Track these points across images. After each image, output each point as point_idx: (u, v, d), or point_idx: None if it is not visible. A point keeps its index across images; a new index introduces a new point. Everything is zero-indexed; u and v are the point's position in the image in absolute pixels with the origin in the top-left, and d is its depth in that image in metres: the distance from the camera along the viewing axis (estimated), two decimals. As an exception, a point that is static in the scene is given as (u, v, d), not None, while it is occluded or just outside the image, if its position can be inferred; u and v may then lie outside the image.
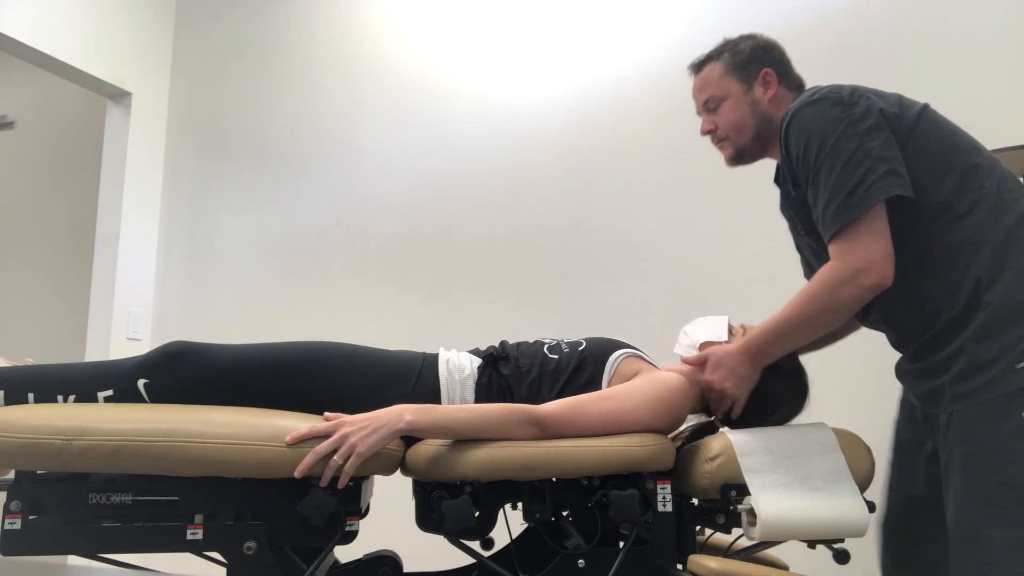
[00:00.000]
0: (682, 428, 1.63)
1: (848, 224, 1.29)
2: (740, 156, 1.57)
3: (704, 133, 1.60)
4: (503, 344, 1.59)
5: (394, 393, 1.44)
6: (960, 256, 1.30)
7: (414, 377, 1.49)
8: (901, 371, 1.47)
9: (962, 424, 1.28)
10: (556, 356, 1.54)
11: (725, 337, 1.55)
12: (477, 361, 1.54)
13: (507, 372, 1.52)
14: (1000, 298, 1.26)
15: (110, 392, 1.41)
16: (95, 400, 1.41)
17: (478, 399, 1.49)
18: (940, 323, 1.32)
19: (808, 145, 1.34)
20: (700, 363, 1.52)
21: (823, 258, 1.38)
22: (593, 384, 1.49)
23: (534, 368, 1.52)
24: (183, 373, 1.42)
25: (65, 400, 1.40)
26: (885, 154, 1.30)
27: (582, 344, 1.57)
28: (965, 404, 1.27)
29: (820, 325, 1.40)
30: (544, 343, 1.59)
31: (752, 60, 1.55)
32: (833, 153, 1.31)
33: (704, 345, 1.55)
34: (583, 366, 1.52)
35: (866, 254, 1.28)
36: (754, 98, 1.54)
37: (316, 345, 1.51)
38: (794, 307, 1.38)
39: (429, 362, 1.53)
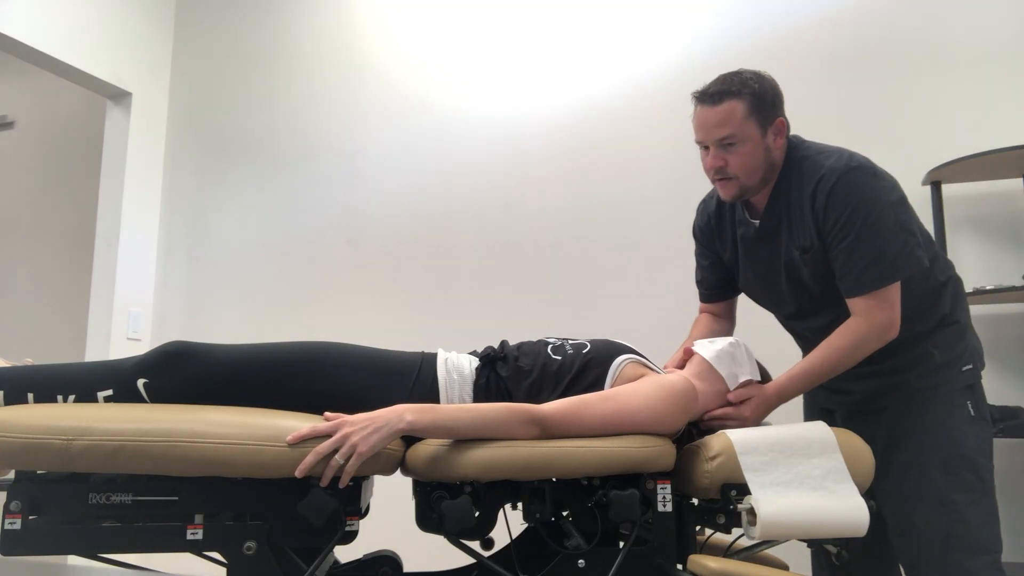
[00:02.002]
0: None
1: (883, 287, 1.52)
2: (742, 194, 1.64)
3: (711, 168, 1.62)
4: (503, 344, 1.59)
5: (393, 393, 1.44)
6: (936, 296, 1.62)
7: (413, 377, 1.49)
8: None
9: (927, 412, 1.59)
10: (559, 357, 1.53)
11: (759, 377, 1.60)
12: (476, 362, 1.54)
13: (505, 373, 1.52)
14: (959, 319, 1.63)
15: (110, 392, 1.41)
16: (95, 400, 1.41)
17: (476, 400, 1.49)
18: (907, 336, 1.56)
19: (855, 211, 1.52)
20: (742, 400, 1.56)
21: (804, 293, 1.63)
22: (596, 388, 1.48)
23: (535, 369, 1.51)
24: (183, 373, 1.42)
25: (65, 400, 1.40)
26: (913, 229, 1.55)
27: (586, 346, 1.56)
28: (927, 395, 1.59)
29: (837, 372, 1.57)
30: (548, 343, 1.58)
31: (772, 106, 1.60)
32: (879, 223, 1.51)
33: (744, 382, 1.58)
34: (587, 369, 1.51)
35: (891, 315, 1.53)
36: (767, 144, 1.60)
37: (315, 345, 1.50)
38: (825, 357, 1.56)
39: (428, 362, 1.52)
